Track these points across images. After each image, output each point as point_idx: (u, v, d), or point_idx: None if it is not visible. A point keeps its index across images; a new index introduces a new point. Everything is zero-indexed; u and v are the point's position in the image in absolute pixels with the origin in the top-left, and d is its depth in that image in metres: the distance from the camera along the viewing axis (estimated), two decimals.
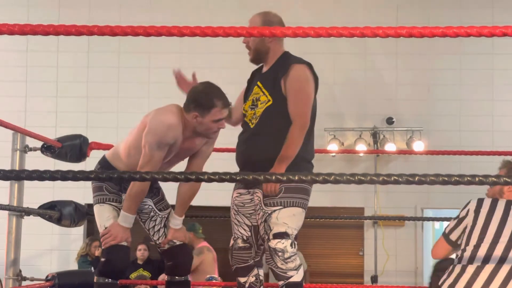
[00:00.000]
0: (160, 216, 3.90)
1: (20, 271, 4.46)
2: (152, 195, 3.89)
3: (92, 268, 8.16)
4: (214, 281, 6.57)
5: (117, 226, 3.71)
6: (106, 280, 3.74)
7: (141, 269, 8.79)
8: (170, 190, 4.05)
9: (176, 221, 3.87)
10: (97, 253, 8.61)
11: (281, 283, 3.76)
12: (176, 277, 3.91)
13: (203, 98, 3.56)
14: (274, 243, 3.68)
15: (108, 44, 9.74)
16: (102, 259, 3.77)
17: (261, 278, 3.97)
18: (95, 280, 3.78)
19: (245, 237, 3.90)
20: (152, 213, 3.90)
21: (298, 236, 4.10)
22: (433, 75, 9.97)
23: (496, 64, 9.92)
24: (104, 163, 3.84)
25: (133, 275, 8.59)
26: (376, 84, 9.91)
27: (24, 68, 10.02)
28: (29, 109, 9.92)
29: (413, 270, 9.71)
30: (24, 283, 4.47)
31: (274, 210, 3.71)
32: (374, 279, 9.44)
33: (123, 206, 3.72)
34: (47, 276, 4.51)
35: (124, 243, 3.73)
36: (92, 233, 9.28)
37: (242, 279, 3.92)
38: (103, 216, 3.78)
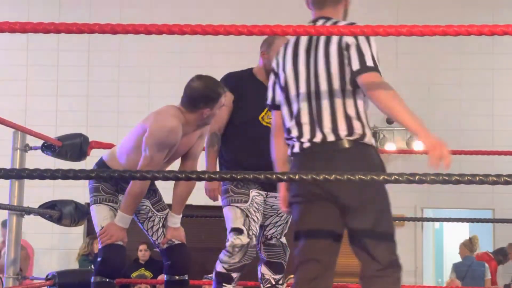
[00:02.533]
0: (158, 216, 3.92)
1: (21, 270, 4.46)
2: (149, 196, 3.91)
3: (92, 266, 8.19)
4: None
5: (113, 226, 3.73)
6: (103, 279, 3.76)
7: (143, 268, 8.79)
8: (166, 190, 4.05)
9: (175, 220, 3.89)
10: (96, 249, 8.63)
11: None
12: (176, 277, 3.92)
13: (211, 92, 3.64)
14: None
15: (109, 42, 9.74)
16: (99, 259, 3.79)
17: None
18: (92, 280, 3.80)
19: (256, 235, 4.00)
20: (150, 214, 3.91)
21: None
22: (433, 74, 9.97)
23: (496, 63, 9.92)
24: (102, 165, 3.85)
25: (134, 274, 8.60)
26: None
27: (24, 66, 10.02)
28: (30, 107, 9.92)
29: (413, 269, 9.70)
30: (24, 282, 4.47)
31: None
32: None
33: (120, 207, 3.74)
34: (47, 275, 4.51)
35: (120, 243, 3.75)
36: (92, 232, 9.28)
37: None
38: (100, 216, 3.80)
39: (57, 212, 4.52)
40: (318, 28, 2.34)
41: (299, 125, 2.89)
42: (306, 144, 2.86)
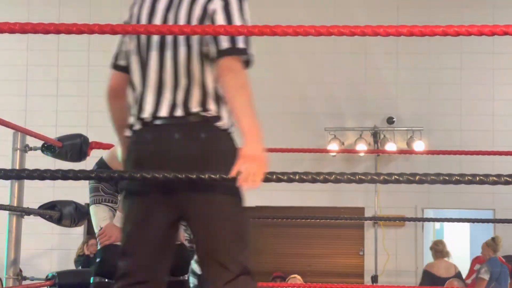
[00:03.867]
0: None
1: (21, 270, 4.46)
2: None
3: (80, 267, 8.24)
4: None
5: (112, 226, 3.74)
6: (103, 279, 3.76)
7: None
8: None
9: None
10: (87, 251, 8.61)
11: None
12: (175, 277, 3.92)
13: None
14: None
15: (109, 43, 9.71)
16: (98, 259, 3.80)
17: None
18: (91, 281, 3.80)
19: None
20: None
21: (299, 236, 4.29)
22: (433, 75, 9.96)
23: (496, 63, 9.91)
24: (102, 165, 3.85)
25: None
26: (377, 83, 9.91)
27: (24, 67, 10.02)
28: (30, 108, 9.91)
29: (414, 270, 9.70)
30: (24, 283, 4.46)
31: None
32: (374, 279, 9.44)
33: (119, 207, 3.74)
34: (47, 276, 4.51)
35: (119, 243, 3.74)
36: (92, 232, 9.28)
37: None
38: (99, 216, 3.81)
39: (57, 212, 4.52)
40: (318, 28, 2.34)
41: (144, 93, 2.46)
42: (148, 119, 2.42)
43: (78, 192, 6.73)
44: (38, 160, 4.64)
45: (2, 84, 9.97)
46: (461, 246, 11.63)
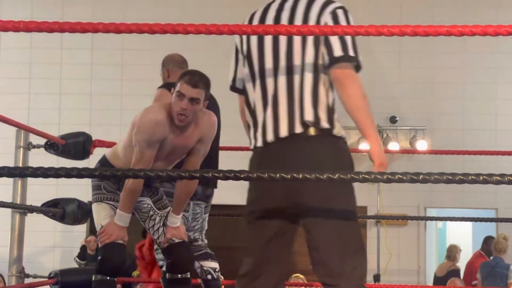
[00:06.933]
0: (159, 215, 3.91)
1: (23, 268, 4.47)
2: (151, 194, 3.90)
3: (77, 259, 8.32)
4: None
5: (113, 225, 3.73)
6: (104, 277, 3.76)
7: None
8: None
9: (174, 219, 3.87)
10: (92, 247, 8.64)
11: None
12: (179, 275, 3.92)
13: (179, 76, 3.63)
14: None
15: (112, 41, 9.74)
16: (99, 257, 3.80)
17: None
18: (93, 279, 3.80)
19: None
20: (151, 212, 3.90)
21: (302, 234, 4.35)
22: (436, 74, 9.96)
23: (500, 62, 9.90)
24: (104, 162, 3.86)
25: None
26: (379, 82, 9.90)
27: (27, 65, 10.02)
28: (33, 106, 9.92)
29: (416, 269, 9.70)
30: (27, 280, 4.47)
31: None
32: (376, 278, 9.43)
33: (119, 205, 3.74)
34: (49, 274, 4.51)
35: (120, 241, 3.75)
36: (95, 230, 9.30)
37: None
38: (100, 214, 3.81)
39: (60, 210, 4.52)
40: (322, 28, 2.34)
41: (261, 112, 2.58)
42: (270, 137, 2.56)
43: (81, 190, 6.75)
44: (41, 158, 4.65)
45: (6, 82, 9.98)
46: (463, 245, 11.63)
